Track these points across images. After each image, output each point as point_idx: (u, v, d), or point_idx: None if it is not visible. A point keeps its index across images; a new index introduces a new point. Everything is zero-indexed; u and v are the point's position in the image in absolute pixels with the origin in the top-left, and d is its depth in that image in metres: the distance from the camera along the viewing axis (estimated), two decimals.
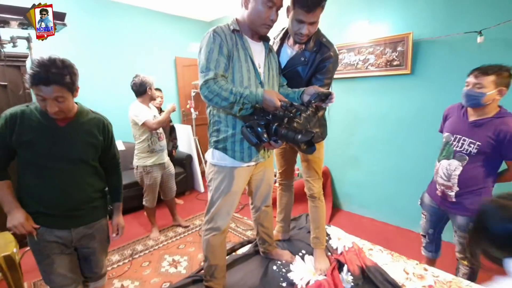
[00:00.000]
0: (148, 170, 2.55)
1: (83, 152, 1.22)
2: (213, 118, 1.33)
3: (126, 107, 3.75)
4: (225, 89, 1.11)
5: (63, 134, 1.16)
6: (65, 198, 1.18)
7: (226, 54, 1.19)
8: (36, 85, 1.03)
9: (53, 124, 1.15)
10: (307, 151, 1.09)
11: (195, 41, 4.33)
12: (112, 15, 3.49)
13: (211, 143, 1.36)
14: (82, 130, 1.21)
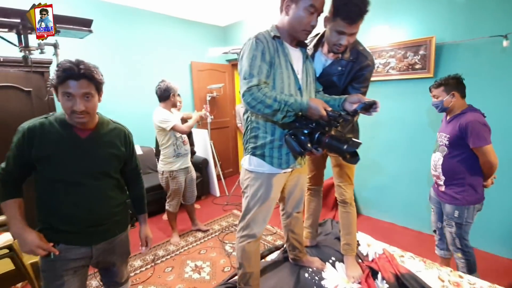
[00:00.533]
0: (174, 175, 2.56)
1: (107, 164, 1.17)
2: (251, 124, 1.31)
3: (143, 112, 3.81)
4: (269, 96, 1.10)
5: (85, 146, 1.11)
6: (87, 214, 1.12)
7: (268, 60, 1.18)
8: (64, 80, 1.00)
9: (74, 136, 1.10)
10: (352, 161, 1.06)
11: (210, 45, 4.35)
12: (129, 21, 3.53)
13: (248, 149, 1.35)
14: (104, 141, 1.17)
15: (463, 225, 1.70)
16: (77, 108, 1.03)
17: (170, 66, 3.99)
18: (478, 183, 1.69)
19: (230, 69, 4.71)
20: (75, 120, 1.06)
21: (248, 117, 1.33)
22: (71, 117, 1.06)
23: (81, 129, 1.11)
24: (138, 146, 3.67)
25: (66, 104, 1.03)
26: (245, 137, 1.37)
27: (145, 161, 3.66)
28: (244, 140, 1.38)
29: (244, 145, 1.39)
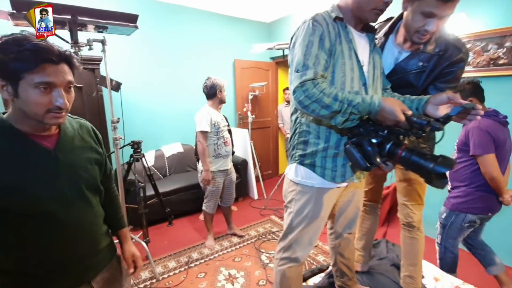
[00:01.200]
0: (212, 176, 2.45)
1: (91, 176, 0.88)
2: (300, 128, 1.10)
3: (185, 109, 3.82)
4: (328, 94, 0.87)
5: (59, 158, 0.79)
6: (73, 249, 0.83)
7: (327, 48, 0.95)
8: (39, 63, 0.69)
9: (39, 149, 0.76)
10: (438, 184, 0.78)
11: (254, 42, 4.20)
12: (173, 19, 3.54)
13: (294, 157, 1.13)
14: (77, 145, 0.86)
15: (446, 227, 1.72)
16: (61, 104, 0.73)
17: (213, 64, 3.93)
18: (482, 194, 1.60)
19: (274, 66, 4.51)
20: (49, 121, 0.74)
21: (297, 118, 1.12)
22: (44, 117, 0.73)
23: (41, 136, 0.77)
24: (179, 143, 3.68)
25: (41, 99, 0.70)
26: (291, 141, 1.16)
27: (185, 159, 3.65)
28: (290, 145, 1.17)
29: (290, 152, 1.17)
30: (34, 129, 0.76)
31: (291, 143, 1.17)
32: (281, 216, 3.22)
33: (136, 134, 3.21)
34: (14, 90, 0.69)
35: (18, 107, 0.72)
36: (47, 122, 0.74)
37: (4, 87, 0.70)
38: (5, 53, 0.67)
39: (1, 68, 0.68)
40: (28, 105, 0.70)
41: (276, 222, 3.09)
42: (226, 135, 2.51)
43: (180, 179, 3.34)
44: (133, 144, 2.53)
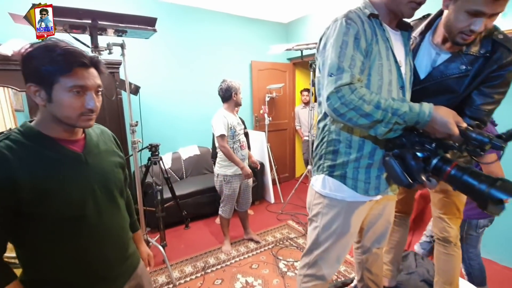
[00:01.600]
0: (228, 180, 2.41)
1: (117, 180, 0.92)
2: (328, 136, 1.02)
3: (201, 112, 3.80)
4: (369, 101, 0.79)
5: (88, 163, 0.81)
6: (104, 255, 0.85)
7: (364, 48, 0.87)
8: (72, 67, 0.71)
9: (70, 153, 0.78)
10: (493, 210, 0.68)
11: (271, 43, 4.14)
12: (190, 20, 3.53)
13: (322, 167, 1.06)
14: (102, 150, 0.89)
15: (463, 238, 1.64)
16: (93, 106, 0.75)
17: (230, 65, 3.90)
18: None
19: (291, 68, 4.43)
20: (82, 124, 0.77)
21: (325, 126, 1.04)
22: (77, 120, 0.75)
23: (69, 140, 0.79)
24: (195, 146, 3.67)
25: (75, 102, 0.73)
26: (317, 150, 1.09)
27: (201, 161, 3.64)
28: (316, 154, 1.10)
29: (316, 161, 1.10)
30: (62, 134, 0.78)
31: (317, 152, 1.09)
32: (299, 221, 3.13)
33: (154, 137, 3.22)
34: (48, 94, 0.71)
35: (49, 112, 0.74)
36: (80, 125, 0.77)
37: (37, 93, 0.72)
38: (38, 59, 0.69)
39: (36, 73, 0.70)
40: (62, 108, 0.73)
41: (293, 227, 3.00)
42: (242, 139, 2.46)
43: (196, 181, 3.32)
44: (151, 147, 2.53)
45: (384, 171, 0.97)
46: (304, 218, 3.22)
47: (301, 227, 3.00)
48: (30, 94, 0.73)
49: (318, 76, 1.05)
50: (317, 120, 1.09)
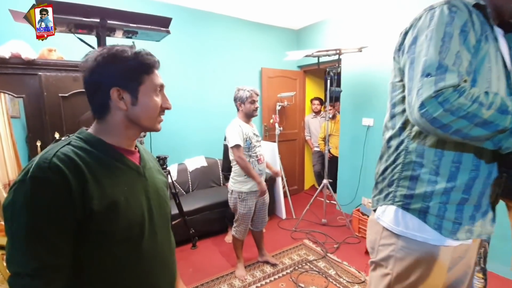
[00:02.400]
0: (244, 197, 2.18)
1: (168, 200, 0.86)
2: (406, 157, 0.81)
3: (209, 121, 3.59)
4: (489, 104, 0.60)
5: (146, 177, 0.76)
6: (166, 270, 0.80)
7: (473, 45, 0.68)
8: (152, 67, 0.73)
9: (131, 164, 0.73)
10: None
11: (282, 50, 3.97)
12: (199, 25, 3.34)
13: (393, 196, 0.84)
14: (151, 166, 0.83)
15: None
16: (169, 104, 0.77)
17: (240, 72, 3.71)
18: None
19: (301, 75, 4.26)
20: (157, 126, 0.76)
21: (400, 143, 0.83)
22: (156, 121, 0.75)
23: (129, 151, 0.75)
24: (203, 157, 3.44)
25: (159, 101, 0.74)
26: (387, 173, 0.87)
27: (209, 174, 3.40)
28: (385, 178, 0.88)
29: (384, 187, 0.88)
30: (124, 143, 0.74)
31: (385, 176, 0.88)
32: (315, 241, 2.90)
33: (160, 147, 3.00)
34: (133, 97, 0.69)
35: (126, 117, 0.70)
36: (156, 127, 0.76)
37: (121, 96, 0.69)
38: (123, 61, 0.68)
39: (122, 75, 0.68)
40: (148, 109, 0.71)
41: (310, 247, 2.77)
42: (259, 152, 2.24)
43: (204, 196, 3.09)
44: (159, 160, 2.31)
45: (481, 209, 0.76)
46: (320, 236, 2.99)
47: (319, 247, 2.77)
48: (113, 100, 0.68)
49: (394, 81, 0.85)
50: (388, 136, 0.88)
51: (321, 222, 3.31)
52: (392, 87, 0.87)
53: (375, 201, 0.93)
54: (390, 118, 0.87)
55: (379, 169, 0.92)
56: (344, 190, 3.66)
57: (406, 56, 0.75)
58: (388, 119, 0.89)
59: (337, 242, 2.84)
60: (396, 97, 0.85)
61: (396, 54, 0.83)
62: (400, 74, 0.83)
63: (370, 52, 3.05)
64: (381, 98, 3.07)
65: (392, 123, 0.86)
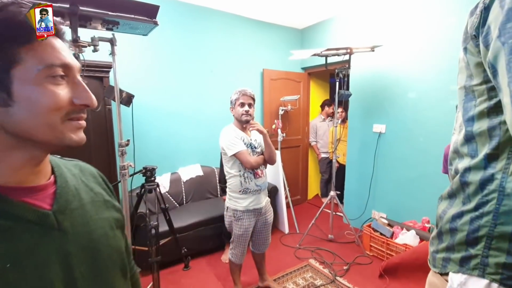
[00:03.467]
0: (239, 216, 1.88)
1: (116, 252, 0.55)
2: (503, 202, 0.52)
3: (204, 127, 3.29)
4: None
5: (61, 230, 0.45)
6: None
7: None
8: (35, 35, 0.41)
9: (28, 215, 0.42)
10: None
11: (285, 50, 3.70)
12: (196, 21, 3.07)
13: (481, 264, 0.55)
14: (87, 202, 0.53)
15: None
16: (89, 98, 0.46)
17: (239, 73, 3.44)
18: None
19: (306, 78, 3.98)
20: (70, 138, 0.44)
21: (489, 180, 0.54)
22: (63, 129, 0.43)
23: (29, 189, 0.44)
24: (198, 165, 3.15)
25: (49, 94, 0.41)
26: (462, 224, 0.58)
27: (204, 184, 3.11)
28: (458, 230, 0.59)
29: (458, 245, 0.60)
30: (16, 177, 0.43)
31: (459, 227, 0.59)
32: (323, 261, 2.59)
33: (149, 155, 2.71)
34: (2, 90, 0.39)
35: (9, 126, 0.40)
36: (68, 141, 0.44)
37: None
38: None
39: None
40: (37, 109, 0.40)
41: (317, 269, 2.46)
42: None
43: (199, 209, 2.79)
44: (146, 171, 2.02)
45: None
46: (327, 255, 2.68)
47: (326, 268, 2.46)
48: None
49: (470, 84, 0.57)
50: (463, 167, 0.59)
51: (327, 238, 3.01)
52: (465, 94, 0.59)
53: (441, 261, 0.64)
54: (465, 141, 0.59)
55: (445, 212, 0.64)
56: (351, 202, 3.36)
57: (497, 44, 0.47)
58: (461, 142, 0.60)
59: (347, 263, 2.54)
60: (476, 109, 0.57)
61: (470, 42, 0.55)
62: (480, 72, 0.55)
63: (381, 52, 2.78)
64: (395, 102, 2.80)
65: (470, 149, 0.57)
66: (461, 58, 0.65)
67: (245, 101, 1.83)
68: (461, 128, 0.62)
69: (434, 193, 2.51)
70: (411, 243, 2.37)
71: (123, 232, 0.60)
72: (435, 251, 0.67)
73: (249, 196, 1.87)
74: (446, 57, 2.38)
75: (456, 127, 0.67)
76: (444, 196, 0.69)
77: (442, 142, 2.44)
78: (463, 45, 0.62)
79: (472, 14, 0.56)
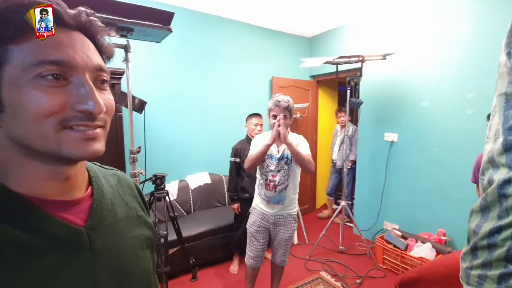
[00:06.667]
0: (250, 210, 1.96)
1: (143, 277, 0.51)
2: None
3: (215, 132, 3.26)
4: None
5: (92, 251, 0.42)
6: None
7: None
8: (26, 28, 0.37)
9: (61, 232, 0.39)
10: None
11: (294, 58, 3.70)
12: (206, 29, 3.08)
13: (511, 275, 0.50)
14: (121, 218, 0.49)
15: None
16: (92, 104, 0.37)
17: (249, 81, 3.43)
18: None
19: (314, 86, 3.96)
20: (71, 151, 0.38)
21: None
22: (49, 139, 0.36)
23: (62, 203, 0.41)
24: (206, 173, 3.11)
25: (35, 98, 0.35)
26: (500, 239, 0.53)
27: (212, 192, 3.06)
28: (496, 245, 0.54)
29: (493, 259, 0.54)
30: (47, 188, 0.39)
31: (497, 242, 0.53)
32: (334, 273, 2.51)
33: (157, 162, 2.68)
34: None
35: (10, 132, 0.36)
36: (69, 153, 0.37)
37: None
38: None
39: None
40: (23, 115, 0.35)
41: (329, 282, 2.38)
42: (270, 177, 1.81)
43: (207, 218, 2.74)
44: (156, 179, 1.98)
45: None
46: (338, 267, 2.60)
47: (338, 281, 2.38)
48: None
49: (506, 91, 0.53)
50: (502, 179, 0.54)
51: (338, 249, 2.93)
52: (505, 101, 0.55)
53: (476, 278, 0.59)
54: (504, 150, 0.54)
55: (480, 226, 0.59)
56: (362, 212, 3.28)
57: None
58: (498, 152, 0.56)
59: (360, 276, 2.45)
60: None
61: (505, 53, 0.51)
62: None
63: (393, 60, 2.75)
64: (408, 110, 2.75)
65: (509, 159, 0.53)
66: (502, 63, 0.60)
67: (277, 113, 1.72)
68: (497, 136, 0.58)
69: (449, 205, 2.45)
70: (427, 256, 2.28)
71: (152, 251, 0.56)
72: (469, 268, 0.62)
73: (261, 201, 1.88)
74: (460, 65, 2.34)
75: (490, 135, 0.62)
76: (475, 210, 0.64)
77: (458, 153, 2.38)
78: (506, 49, 0.58)
79: None
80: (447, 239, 2.42)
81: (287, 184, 1.81)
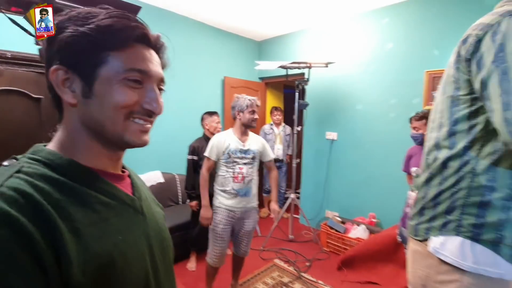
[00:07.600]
0: (214, 210, 1.97)
1: (171, 241, 0.63)
2: (472, 180, 0.72)
3: (166, 131, 3.17)
4: None
5: (143, 215, 0.52)
6: None
7: None
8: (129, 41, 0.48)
9: (123, 197, 0.49)
10: None
11: (244, 60, 3.85)
12: (158, 24, 2.99)
13: (457, 225, 0.74)
14: (148, 196, 0.60)
15: None
16: (155, 105, 0.49)
17: (201, 79, 3.44)
18: None
19: (263, 87, 4.19)
20: (130, 137, 0.47)
21: (464, 165, 0.73)
22: (120, 127, 0.46)
23: (115, 176, 0.51)
24: (159, 172, 3.02)
25: (119, 94, 0.45)
26: (444, 198, 0.77)
27: (166, 191, 2.99)
28: (439, 203, 0.77)
29: (438, 214, 0.77)
30: (105, 164, 0.49)
31: (439, 201, 0.77)
32: (286, 259, 2.74)
33: None
34: (86, 84, 0.44)
35: (82, 117, 0.46)
36: (125, 138, 0.47)
37: (68, 82, 0.44)
38: (77, 25, 0.43)
39: (70, 49, 0.43)
40: (104, 105, 0.45)
41: (283, 268, 2.60)
42: (237, 169, 1.93)
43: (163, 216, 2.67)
44: None
45: None
46: (290, 254, 2.85)
47: (291, 266, 2.62)
48: (54, 85, 0.44)
49: (456, 95, 0.75)
50: (445, 157, 0.77)
51: (288, 238, 3.19)
52: (451, 101, 0.78)
53: (423, 230, 0.81)
54: (448, 136, 0.77)
55: (427, 193, 0.81)
56: (307, 203, 3.63)
57: (492, 67, 0.65)
58: (443, 137, 0.79)
59: (308, 260, 2.74)
60: (459, 113, 0.75)
61: (463, 64, 0.73)
62: (467, 86, 0.73)
63: (333, 67, 3.13)
64: (346, 112, 3.16)
65: (451, 142, 0.76)
66: (450, 74, 0.79)
67: (256, 109, 1.95)
68: (441, 126, 0.80)
69: (378, 192, 2.94)
70: (362, 236, 2.69)
71: None
72: (417, 224, 0.84)
73: (227, 196, 1.93)
74: (385, 76, 2.83)
75: (434, 127, 0.85)
76: (421, 184, 0.86)
77: (384, 149, 2.86)
78: (455, 65, 0.76)
79: (465, 43, 0.72)
80: (377, 221, 2.89)
81: (252, 177, 1.95)
